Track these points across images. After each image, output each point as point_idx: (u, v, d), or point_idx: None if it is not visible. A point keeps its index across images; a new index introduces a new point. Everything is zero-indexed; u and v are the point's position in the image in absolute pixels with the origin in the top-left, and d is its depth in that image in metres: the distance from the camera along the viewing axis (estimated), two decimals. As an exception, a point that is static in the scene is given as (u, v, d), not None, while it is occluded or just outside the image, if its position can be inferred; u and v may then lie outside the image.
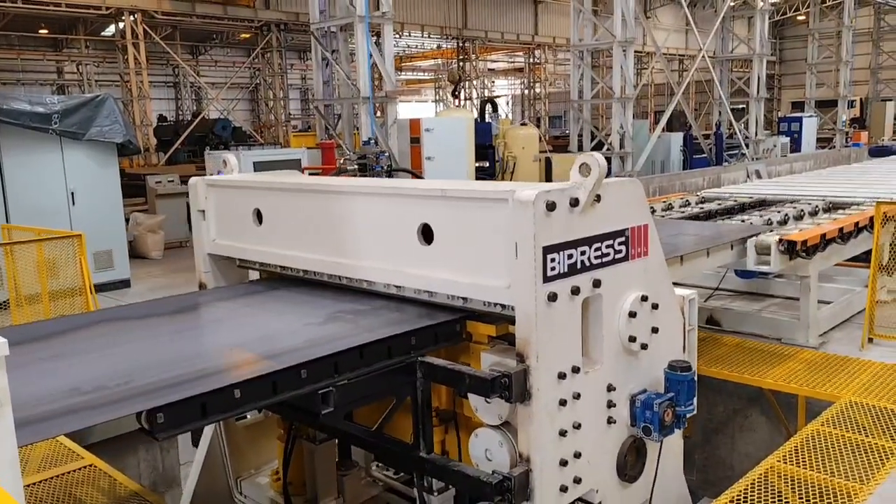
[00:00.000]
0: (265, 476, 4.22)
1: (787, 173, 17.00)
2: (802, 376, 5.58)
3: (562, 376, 2.78)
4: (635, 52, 20.34)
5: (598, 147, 19.80)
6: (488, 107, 21.74)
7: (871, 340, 6.26)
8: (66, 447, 4.73)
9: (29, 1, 19.44)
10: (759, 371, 5.74)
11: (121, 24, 21.55)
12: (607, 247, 2.92)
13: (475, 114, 21.58)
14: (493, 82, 42.14)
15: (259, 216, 3.78)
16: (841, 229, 6.51)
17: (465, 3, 29.82)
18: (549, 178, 18.31)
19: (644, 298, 3.06)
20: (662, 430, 3.04)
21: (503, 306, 2.86)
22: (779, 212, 7.18)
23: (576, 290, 2.80)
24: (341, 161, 13.15)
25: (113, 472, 4.43)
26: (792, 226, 6.74)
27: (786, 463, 3.99)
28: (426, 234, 3.08)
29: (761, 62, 21.73)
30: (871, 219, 6.60)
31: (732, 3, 21.69)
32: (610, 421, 3.02)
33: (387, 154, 13.18)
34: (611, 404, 3.01)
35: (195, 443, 4.98)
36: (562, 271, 2.74)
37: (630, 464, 3.12)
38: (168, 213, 14.29)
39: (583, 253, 2.82)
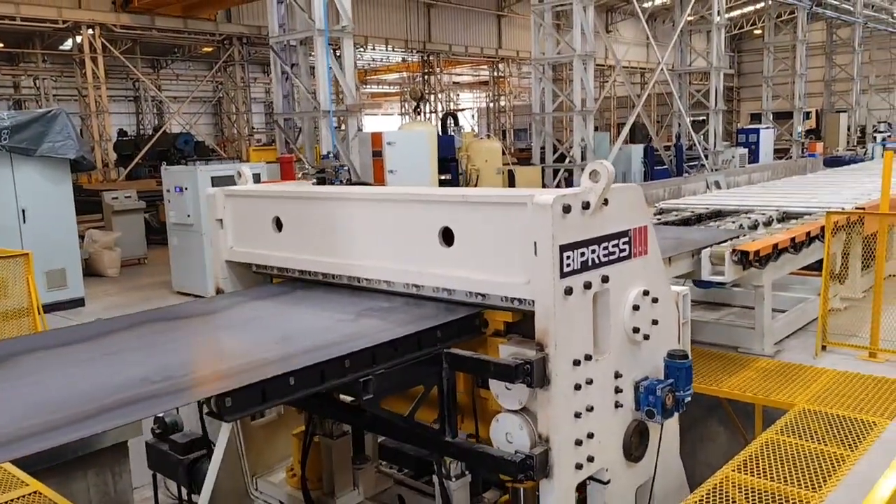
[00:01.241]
0: (280, 473, 4.40)
1: (746, 183, 17.46)
2: (758, 385, 5.62)
3: (576, 363, 3.07)
4: (596, 65, 20.79)
5: (560, 160, 20.25)
6: (450, 120, 22.08)
7: (824, 348, 6.33)
8: (9, 473, 4.47)
9: (-17, 15, 19.13)
10: (716, 380, 5.78)
11: (78, 38, 21.27)
12: (613, 246, 3.22)
13: (439, 127, 21.88)
14: (458, 95, 42.56)
15: (279, 224, 3.98)
16: (793, 239, 6.51)
17: (428, 17, 30.19)
18: (512, 190, 18.55)
19: (645, 293, 3.36)
20: (665, 413, 3.34)
21: (521, 301, 3.13)
22: (734, 222, 7.24)
23: (587, 285, 3.09)
24: (300, 175, 13.18)
25: (59, 500, 4.23)
26: (746, 236, 6.70)
27: (740, 472, 4.07)
28: (447, 236, 3.33)
29: (719, 75, 22.47)
30: (823, 228, 6.61)
31: (690, 18, 22.40)
32: (617, 405, 3.31)
33: (346, 168, 13.24)
34: (618, 390, 3.30)
35: (151, 465, 5.06)
36: (576, 268, 3.02)
37: (635, 444, 3.42)
38: (125, 229, 14.02)
39: (593, 251, 3.11)
